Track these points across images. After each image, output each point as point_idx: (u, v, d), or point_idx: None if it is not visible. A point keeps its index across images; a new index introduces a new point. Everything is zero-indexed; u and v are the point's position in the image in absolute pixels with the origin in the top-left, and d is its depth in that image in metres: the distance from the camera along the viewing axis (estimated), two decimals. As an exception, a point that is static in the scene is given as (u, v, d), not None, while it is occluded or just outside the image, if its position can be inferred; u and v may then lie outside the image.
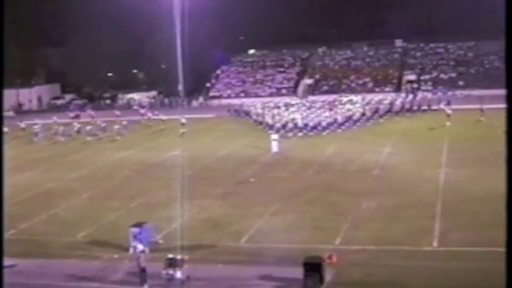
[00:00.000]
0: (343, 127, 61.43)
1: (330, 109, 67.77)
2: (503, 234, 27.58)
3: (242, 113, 77.47)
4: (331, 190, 37.97)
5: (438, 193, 35.72)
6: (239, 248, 28.02)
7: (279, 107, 72.12)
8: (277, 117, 64.63)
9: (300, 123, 61.10)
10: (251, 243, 28.65)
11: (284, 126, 61.46)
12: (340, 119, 62.59)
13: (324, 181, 40.66)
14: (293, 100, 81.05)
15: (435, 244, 27.12)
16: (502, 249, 25.25)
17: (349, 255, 25.88)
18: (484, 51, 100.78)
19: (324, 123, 60.85)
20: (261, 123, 67.24)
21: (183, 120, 65.93)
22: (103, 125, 67.64)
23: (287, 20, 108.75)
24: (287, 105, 73.37)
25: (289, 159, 48.79)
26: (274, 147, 50.89)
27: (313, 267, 22.34)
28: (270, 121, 64.43)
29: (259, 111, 71.27)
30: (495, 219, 30.01)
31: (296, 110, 68.93)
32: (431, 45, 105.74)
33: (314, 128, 60.26)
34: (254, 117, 71.17)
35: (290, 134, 59.22)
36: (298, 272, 22.36)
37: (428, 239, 27.65)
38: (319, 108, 69.09)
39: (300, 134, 59.16)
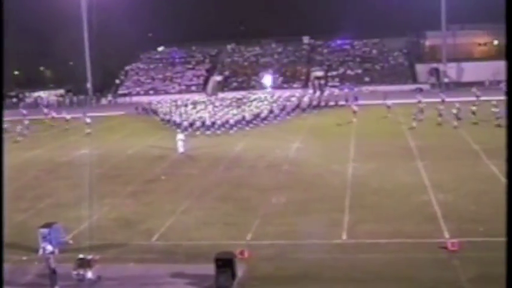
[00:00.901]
0: (251, 125, 61.26)
1: (238, 106, 67.78)
2: (407, 225, 28.61)
3: (150, 111, 76.65)
4: (242, 186, 38.18)
5: (346, 187, 36.42)
6: (150, 246, 27.88)
7: (186, 105, 71.60)
8: (184, 116, 64.04)
9: (207, 121, 60.62)
10: (162, 241, 28.56)
11: (191, 124, 60.92)
12: (248, 116, 62.21)
13: (234, 177, 40.83)
14: (200, 98, 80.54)
15: (344, 237, 27.63)
16: (408, 240, 26.26)
17: (261, 250, 26.12)
18: (389, 47, 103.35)
19: (231, 121, 60.44)
20: (168, 121, 66.52)
21: (88, 120, 64.43)
22: (5, 125, 65.79)
23: (196, 17, 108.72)
24: (194, 103, 72.92)
25: (199, 156, 48.74)
26: (180, 147, 49.85)
27: (224, 263, 22.45)
28: (177, 119, 63.74)
29: (167, 109, 70.70)
30: (400, 211, 31.05)
31: (203, 108, 68.48)
32: (338, 42, 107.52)
33: (222, 126, 59.86)
34: (161, 115, 70.39)
35: (198, 133, 58.83)
36: (210, 269, 22.45)
37: (338, 232, 28.15)
38: (227, 106, 68.87)
39: (208, 133, 58.74)
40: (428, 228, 28.08)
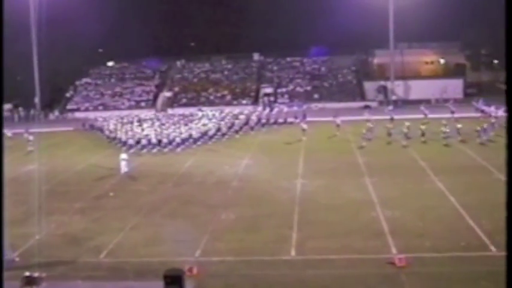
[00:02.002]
0: (198, 143, 60.21)
1: (185, 124, 66.83)
2: (356, 241, 28.87)
3: (96, 128, 74.80)
4: (191, 202, 38.08)
5: (295, 203, 36.58)
6: (99, 263, 27.60)
7: (132, 123, 70.34)
8: (130, 133, 62.43)
9: (153, 139, 59.37)
10: (111, 258, 28.30)
11: (138, 142, 59.47)
12: (195, 134, 61.26)
13: (183, 193, 40.70)
14: (147, 115, 79.03)
15: (293, 253, 27.76)
16: (356, 256, 26.51)
17: (210, 267, 26.09)
18: (338, 65, 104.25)
19: (178, 139, 59.36)
20: (114, 139, 64.58)
21: (30, 137, 61.52)
22: None
23: (146, 33, 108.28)
24: (140, 121, 71.75)
25: (148, 172, 48.40)
26: (124, 167, 47.92)
27: (173, 280, 22.31)
28: (123, 137, 62.01)
29: (112, 127, 68.94)
30: (348, 227, 31.32)
31: (150, 125, 67.42)
32: (288, 59, 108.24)
33: (168, 144, 58.84)
34: (107, 133, 68.40)
35: (144, 151, 57.62)
36: (159, 285, 22.26)
37: (286, 249, 28.28)
38: (174, 124, 67.85)
39: (154, 151, 57.59)
40: (376, 244, 28.37)
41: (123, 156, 49.01)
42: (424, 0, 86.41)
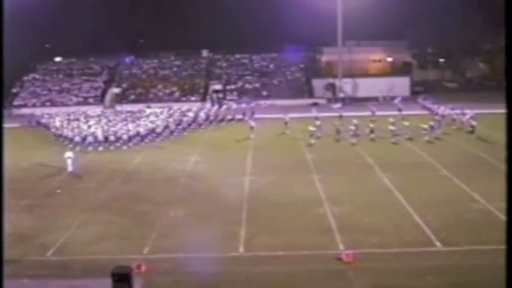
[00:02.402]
0: (146, 140, 59.36)
1: (133, 121, 65.75)
2: (304, 237, 29.10)
3: (42, 125, 73.26)
4: (139, 199, 37.91)
5: (243, 200, 36.69)
6: (46, 262, 27.31)
7: (78, 119, 68.79)
8: (76, 131, 61.12)
9: (100, 136, 58.25)
10: (58, 256, 28.04)
11: (84, 139, 58.24)
12: (142, 131, 60.37)
13: (131, 190, 40.50)
14: (94, 112, 77.45)
15: (241, 250, 27.87)
16: (304, 252, 26.71)
17: (158, 264, 26.03)
18: (286, 62, 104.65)
19: (125, 137, 58.35)
20: (60, 136, 63.01)
21: None
22: None
23: (94, 29, 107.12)
24: (87, 118, 70.41)
25: (96, 169, 47.97)
26: (69, 166, 46.84)
27: (121, 278, 22.20)
28: (69, 134, 60.72)
29: (58, 124, 67.29)
30: (296, 224, 31.54)
31: (97, 122, 66.04)
32: (237, 55, 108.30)
33: (115, 141, 57.78)
34: (53, 130, 66.78)
35: (90, 148, 56.56)
36: (106, 283, 22.15)
37: (235, 245, 28.38)
38: (121, 121, 66.48)
39: (101, 148, 56.56)
40: (324, 240, 28.65)
41: (68, 154, 48.06)
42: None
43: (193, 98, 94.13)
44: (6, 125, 69.72)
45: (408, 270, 24.77)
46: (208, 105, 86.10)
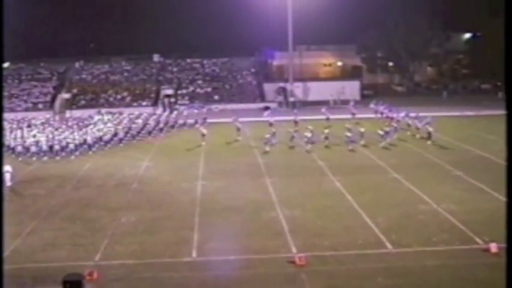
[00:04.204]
0: (93, 149, 57.09)
1: (80, 129, 62.95)
2: (256, 241, 29.11)
3: None
4: (90, 206, 37.52)
5: (195, 204, 36.62)
6: (-7, 270, 26.86)
7: (21, 128, 65.35)
8: (19, 140, 58.19)
9: (44, 145, 55.62)
10: (7, 264, 27.32)
11: (27, 149, 55.80)
12: (90, 139, 57.98)
13: (82, 197, 40.05)
14: (38, 119, 73.82)
15: (194, 254, 27.80)
16: (257, 256, 26.73)
17: (110, 271, 25.83)
18: (237, 67, 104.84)
19: (72, 145, 55.67)
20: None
21: None
22: None
23: (43, 33, 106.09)
24: (31, 126, 67.34)
25: (45, 176, 47.36)
26: (7, 180, 42.84)
27: (73, 285, 21.90)
28: (11, 143, 57.64)
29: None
30: (249, 228, 31.59)
31: (41, 130, 62.73)
32: (188, 60, 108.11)
33: (61, 150, 55.26)
34: None
35: (34, 158, 54.17)
36: (57, 291, 21.98)
37: (188, 250, 28.30)
38: (67, 128, 63.68)
39: (45, 158, 54.08)
40: (277, 244, 28.74)
41: (7, 168, 43.58)
42: (322, 4, 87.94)
43: (144, 103, 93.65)
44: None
45: (360, 272, 25.00)
46: (159, 110, 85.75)
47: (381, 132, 55.52)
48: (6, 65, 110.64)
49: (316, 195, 38.13)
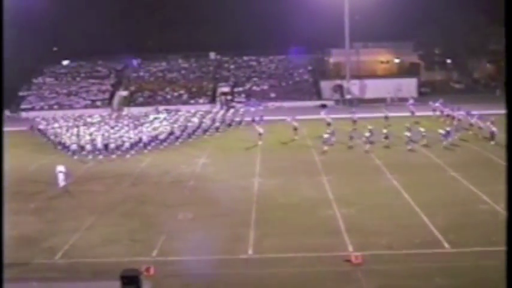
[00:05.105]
0: (148, 147, 57.18)
1: (135, 127, 63.20)
2: (312, 239, 28.97)
3: (40, 132, 70.32)
4: (147, 202, 37.89)
5: (252, 202, 36.64)
6: (54, 264, 27.32)
7: (77, 126, 65.77)
8: (73, 138, 58.21)
9: (99, 144, 55.91)
10: (66, 258, 28.03)
11: (82, 148, 55.68)
12: (145, 138, 58.12)
13: (139, 193, 40.45)
14: (95, 118, 74.21)
15: (250, 252, 27.81)
16: (313, 254, 26.59)
17: (166, 267, 26.01)
18: (294, 64, 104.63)
19: (127, 144, 55.70)
20: (59, 143, 60.69)
21: None
22: None
23: (102, 31, 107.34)
24: (87, 124, 67.84)
25: (105, 172, 48.00)
26: (61, 181, 42.53)
27: (130, 280, 22.22)
28: (67, 142, 58.06)
29: (58, 130, 64.43)
30: (305, 226, 31.47)
31: (98, 129, 63.35)
32: (245, 58, 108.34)
33: (117, 149, 55.20)
34: (52, 137, 63.97)
35: (89, 157, 54.09)
36: (115, 286, 22.15)
37: (243, 247, 28.32)
38: (123, 127, 63.77)
39: (100, 157, 53.95)
40: (333, 242, 28.57)
41: (60, 168, 43.32)
42: (379, 1, 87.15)
43: (201, 101, 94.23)
44: (13, 128, 69.22)
45: (417, 272, 24.67)
46: (216, 107, 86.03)
47: (442, 132, 53.74)
48: (65, 62, 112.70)
49: (373, 193, 37.79)
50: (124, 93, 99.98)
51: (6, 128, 74.48)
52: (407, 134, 53.46)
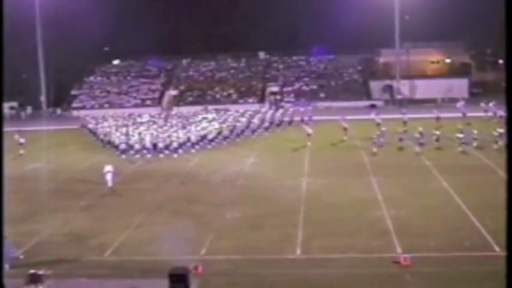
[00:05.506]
0: (197, 147, 57.08)
1: (183, 127, 63.02)
2: (361, 240, 28.80)
3: (89, 131, 71.24)
4: (196, 201, 38.12)
5: (300, 202, 36.58)
6: (103, 262, 27.64)
7: (126, 125, 66.04)
8: (122, 137, 58.07)
9: (148, 143, 56.07)
10: (116, 256, 28.34)
11: (131, 146, 56.06)
12: (193, 138, 58.01)
13: (188, 192, 40.73)
14: (144, 117, 74.62)
15: (298, 252, 27.77)
16: (361, 255, 26.45)
17: (215, 265, 26.11)
18: (343, 64, 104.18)
19: (175, 144, 55.57)
20: (108, 142, 60.93)
21: (21, 140, 58.90)
22: None
23: (152, 31, 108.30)
24: (136, 123, 68.30)
25: (154, 170, 48.44)
26: (109, 181, 42.47)
27: (178, 279, 22.35)
28: (116, 141, 58.26)
29: (107, 129, 64.84)
30: (353, 226, 31.30)
31: (146, 128, 63.47)
32: (294, 57, 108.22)
33: (165, 148, 55.30)
34: (101, 136, 64.55)
35: (138, 156, 54.47)
36: (163, 284, 22.32)
37: (292, 247, 28.28)
38: (171, 126, 63.81)
39: (149, 156, 54.22)
40: (381, 243, 28.37)
41: (108, 168, 43.16)
42: (429, 0, 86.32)
43: (250, 100, 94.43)
44: (64, 126, 69.92)
45: (466, 275, 24.34)
46: (265, 107, 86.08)
47: (496, 133, 51.90)
48: (116, 62, 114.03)
49: (423, 195, 37.41)
50: (174, 92, 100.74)
51: (56, 127, 76.07)
52: (460, 135, 52.42)
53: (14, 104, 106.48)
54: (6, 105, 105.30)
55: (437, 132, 54.33)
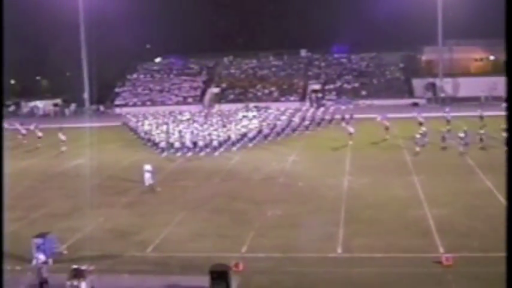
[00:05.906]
0: (237, 145, 57.15)
1: (224, 126, 63.38)
2: (402, 239, 28.59)
3: (130, 129, 72.30)
4: (237, 198, 38.20)
5: (342, 200, 36.45)
6: (145, 258, 27.86)
7: (167, 123, 67.12)
8: (162, 136, 58.87)
9: (188, 142, 56.40)
10: (157, 252, 28.54)
11: (172, 144, 56.39)
12: (234, 137, 58.10)
13: (229, 189, 40.84)
14: (184, 115, 75.60)
15: (339, 250, 27.65)
16: (403, 254, 26.25)
17: (255, 263, 26.13)
18: (385, 62, 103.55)
19: (215, 143, 55.67)
20: (149, 140, 61.77)
21: (63, 137, 59.82)
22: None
23: (194, 29, 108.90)
24: (176, 121, 68.94)
25: (195, 168, 48.73)
26: (148, 179, 41.90)
27: (219, 276, 22.42)
28: (156, 139, 58.88)
29: (147, 127, 65.85)
30: (395, 226, 31.09)
31: (186, 126, 64.17)
32: (335, 55, 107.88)
33: (205, 147, 55.59)
34: (142, 134, 65.59)
35: (178, 154, 54.83)
36: (204, 281, 22.42)
37: (333, 246, 28.18)
38: (212, 125, 64.15)
39: (189, 154, 54.44)
40: (423, 243, 28.12)
41: (147, 167, 42.55)
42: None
43: (292, 98, 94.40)
44: (106, 123, 71.09)
45: (510, 276, 24.03)
46: (306, 105, 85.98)
47: None
48: (158, 59, 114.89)
49: (466, 194, 37.01)
50: (215, 90, 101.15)
51: (99, 124, 76.95)
52: (505, 134, 51.70)
53: (58, 101, 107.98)
54: (49, 103, 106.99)
55: (482, 131, 53.66)
